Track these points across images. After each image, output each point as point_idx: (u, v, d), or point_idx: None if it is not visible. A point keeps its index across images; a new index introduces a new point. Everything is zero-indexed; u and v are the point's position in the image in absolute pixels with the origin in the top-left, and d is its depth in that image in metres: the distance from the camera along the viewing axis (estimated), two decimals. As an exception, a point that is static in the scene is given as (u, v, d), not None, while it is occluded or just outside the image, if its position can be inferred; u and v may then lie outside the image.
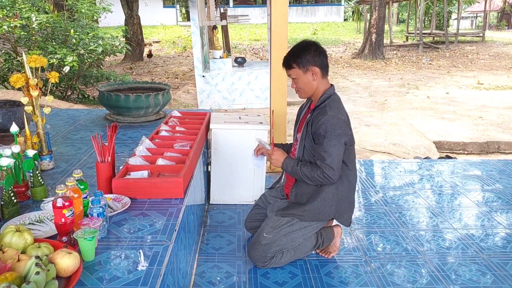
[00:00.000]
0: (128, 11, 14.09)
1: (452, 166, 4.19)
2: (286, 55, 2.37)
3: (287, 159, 2.40)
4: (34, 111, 2.42)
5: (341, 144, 2.23)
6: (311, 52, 2.29)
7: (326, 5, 31.23)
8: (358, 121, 7.51)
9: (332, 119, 2.20)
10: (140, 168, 2.24)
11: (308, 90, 2.36)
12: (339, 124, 2.21)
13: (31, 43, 7.24)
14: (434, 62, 14.95)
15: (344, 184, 2.36)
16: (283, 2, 3.63)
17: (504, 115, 7.82)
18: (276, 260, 2.42)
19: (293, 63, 2.31)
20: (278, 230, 2.39)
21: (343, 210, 2.41)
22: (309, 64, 2.29)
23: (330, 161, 2.21)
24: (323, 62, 2.32)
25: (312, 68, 2.30)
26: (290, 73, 2.36)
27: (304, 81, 2.33)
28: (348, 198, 2.41)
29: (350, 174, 2.39)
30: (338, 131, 2.20)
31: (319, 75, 2.32)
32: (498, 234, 2.88)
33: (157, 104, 3.61)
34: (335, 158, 2.21)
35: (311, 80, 2.32)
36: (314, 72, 2.30)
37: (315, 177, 2.26)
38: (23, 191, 2.06)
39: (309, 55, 2.28)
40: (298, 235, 2.41)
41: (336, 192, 2.35)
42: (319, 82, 2.34)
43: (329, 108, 2.25)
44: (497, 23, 32.01)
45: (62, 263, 1.39)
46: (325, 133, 2.20)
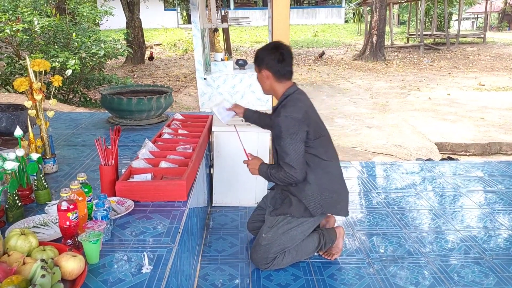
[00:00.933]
0: (129, 14, 14.13)
1: (454, 167, 4.20)
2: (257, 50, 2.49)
3: (261, 165, 2.43)
4: (37, 114, 2.43)
5: (297, 142, 2.26)
6: (271, 55, 2.35)
7: (327, 7, 31.26)
8: (359, 123, 7.52)
9: (285, 119, 2.25)
10: (143, 171, 2.25)
11: (263, 87, 2.47)
12: (292, 122, 2.25)
13: (33, 47, 7.27)
14: (435, 63, 14.96)
15: (323, 176, 2.36)
16: (284, 4, 3.64)
17: (505, 116, 7.82)
18: (278, 262, 2.42)
19: (255, 57, 2.43)
20: (276, 229, 2.40)
21: (332, 202, 2.41)
22: (263, 65, 2.37)
23: (289, 160, 2.25)
24: (278, 69, 2.35)
25: (264, 70, 2.38)
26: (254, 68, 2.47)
27: (259, 78, 2.46)
28: (333, 189, 2.41)
29: (328, 165, 2.39)
30: (291, 130, 2.25)
31: (271, 79, 2.38)
32: (501, 236, 2.88)
33: (160, 107, 3.62)
34: (294, 157, 2.25)
35: (264, 80, 2.41)
36: (266, 74, 2.38)
37: (281, 178, 2.30)
38: (27, 194, 2.07)
39: (269, 58, 2.35)
40: (297, 232, 2.41)
41: (316, 186, 2.35)
42: (273, 84, 2.40)
43: (283, 108, 2.31)
44: (498, 24, 32.00)
45: (67, 266, 1.40)
46: (280, 133, 2.27)
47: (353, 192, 3.63)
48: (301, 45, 20.42)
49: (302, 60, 16.19)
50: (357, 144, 6.27)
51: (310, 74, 13.29)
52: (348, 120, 7.79)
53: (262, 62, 2.37)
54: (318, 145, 2.35)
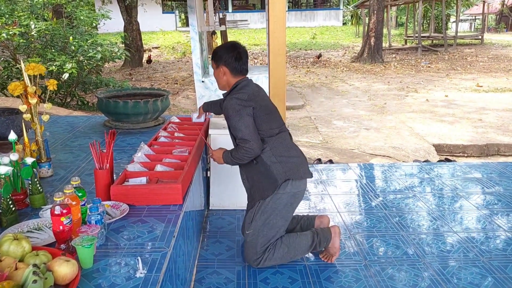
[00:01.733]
0: (127, 17, 14.14)
1: (452, 169, 4.19)
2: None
3: (224, 153, 2.51)
4: (32, 118, 2.42)
5: (244, 116, 2.35)
6: (229, 53, 2.47)
7: (325, 10, 31.31)
8: (357, 125, 7.52)
9: (230, 101, 2.39)
10: (138, 175, 2.24)
11: (219, 82, 2.58)
12: (237, 102, 2.37)
13: (30, 51, 7.26)
14: (433, 65, 14.98)
15: (277, 145, 2.43)
16: (281, 7, 3.64)
17: (503, 117, 7.82)
18: (269, 256, 2.42)
19: (213, 55, 2.53)
20: (255, 221, 2.44)
21: (293, 166, 2.43)
22: (221, 62, 2.48)
23: (242, 135, 2.35)
24: (235, 67, 2.48)
25: (222, 67, 2.49)
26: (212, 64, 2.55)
27: (216, 75, 2.56)
28: (290, 154, 2.46)
29: (279, 135, 2.47)
30: (237, 108, 2.36)
31: (228, 75, 2.49)
32: (499, 237, 2.87)
33: (156, 110, 3.61)
34: (245, 130, 2.34)
35: (221, 76, 2.52)
36: (223, 70, 2.49)
37: (241, 155, 2.39)
38: (21, 199, 2.06)
39: (226, 55, 2.47)
40: (276, 218, 2.43)
41: (273, 156, 2.40)
42: (229, 79, 2.51)
43: (230, 93, 2.47)
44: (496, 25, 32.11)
45: (60, 271, 1.39)
46: (228, 114, 2.39)
47: (351, 194, 3.63)
48: (300, 48, 20.45)
49: (300, 63, 16.21)
50: (355, 146, 6.26)
51: (308, 76, 13.29)
52: (346, 122, 7.79)
53: (220, 59, 2.48)
54: (267, 120, 2.44)
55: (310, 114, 8.45)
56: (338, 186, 3.78)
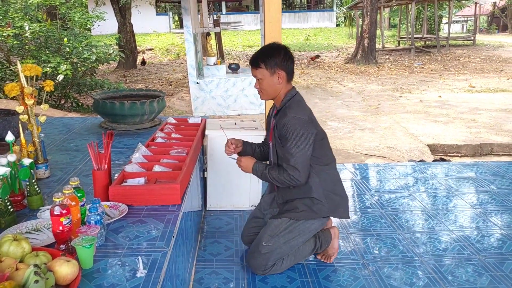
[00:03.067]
0: (121, 19, 14.10)
1: (446, 168, 4.22)
2: (255, 53, 2.37)
3: (256, 164, 2.38)
4: (29, 119, 2.41)
5: (305, 144, 2.22)
6: (281, 55, 2.30)
7: (318, 11, 31.41)
8: (352, 125, 7.55)
9: (292, 120, 2.21)
10: (136, 175, 2.24)
11: (271, 92, 2.36)
12: (300, 124, 2.22)
13: (24, 52, 7.23)
14: (426, 66, 15.08)
15: (326, 178, 2.35)
16: (276, 8, 3.66)
17: (496, 117, 7.89)
18: (276, 268, 2.40)
19: (261, 62, 2.31)
20: (277, 238, 2.36)
21: (335, 205, 2.40)
22: (277, 67, 2.30)
23: (294, 162, 2.21)
24: (290, 68, 2.34)
25: (279, 71, 2.31)
26: (256, 73, 2.34)
27: (269, 83, 2.33)
28: (335, 191, 2.40)
29: (330, 167, 2.39)
30: (299, 131, 2.21)
31: (284, 80, 2.33)
32: (493, 235, 2.90)
33: (152, 111, 3.61)
34: (299, 159, 2.21)
35: (276, 83, 2.33)
36: (280, 75, 2.31)
37: (282, 180, 2.26)
38: (19, 200, 2.05)
39: (279, 58, 2.29)
40: (298, 241, 2.39)
41: (322, 189, 2.34)
42: (283, 86, 2.35)
43: (289, 109, 2.27)
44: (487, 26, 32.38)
45: (61, 271, 1.39)
46: (286, 134, 2.22)
47: (347, 194, 3.64)
48: (293, 49, 20.47)
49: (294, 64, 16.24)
50: (350, 146, 6.29)
51: (302, 77, 13.33)
52: (341, 122, 7.82)
53: (276, 64, 2.29)
54: (321, 147, 2.34)
55: (305, 115, 8.47)
56: (334, 186, 3.79)
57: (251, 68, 2.38)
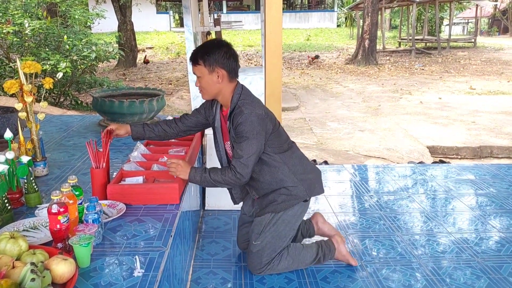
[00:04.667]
0: (121, 17, 14.08)
1: (445, 170, 4.22)
2: (195, 50, 2.24)
3: (192, 169, 2.19)
4: (28, 117, 2.41)
5: (260, 142, 2.17)
6: (221, 52, 2.16)
7: (319, 11, 31.42)
8: (352, 126, 7.55)
9: (250, 117, 2.12)
10: (135, 174, 2.23)
11: (211, 91, 2.22)
12: (258, 121, 2.14)
13: (24, 49, 7.21)
14: (427, 67, 15.07)
15: (293, 163, 2.33)
16: (277, 8, 3.65)
17: (496, 119, 7.89)
18: (273, 266, 2.39)
19: (200, 59, 2.16)
20: (264, 234, 2.35)
21: (310, 184, 2.38)
22: (216, 64, 2.15)
23: (246, 160, 2.13)
24: (231, 66, 2.19)
25: (218, 69, 2.16)
26: (195, 70, 2.20)
27: (208, 82, 2.19)
28: (306, 171, 2.38)
29: (292, 152, 2.36)
30: (257, 129, 2.14)
31: (225, 78, 2.19)
32: (492, 238, 2.89)
33: (152, 110, 3.60)
34: (253, 157, 2.15)
35: (215, 82, 2.18)
36: (220, 74, 2.17)
37: (227, 180, 2.17)
38: (17, 198, 2.05)
39: (219, 55, 2.15)
40: (286, 232, 2.38)
41: (293, 174, 2.31)
42: (224, 85, 2.20)
43: (244, 107, 2.16)
44: (488, 29, 32.38)
45: (58, 270, 1.38)
46: (244, 132, 2.13)
47: (346, 195, 3.64)
48: (294, 49, 20.49)
49: (295, 64, 16.24)
50: (349, 147, 6.29)
51: (302, 78, 13.32)
52: (341, 123, 7.82)
53: (215, 61, 2.14)
54: (278, 135, 2.30)
55: (304, 116, 8.47)
56: (333, 187, 3.79)
57: (191, 65, 2.23)
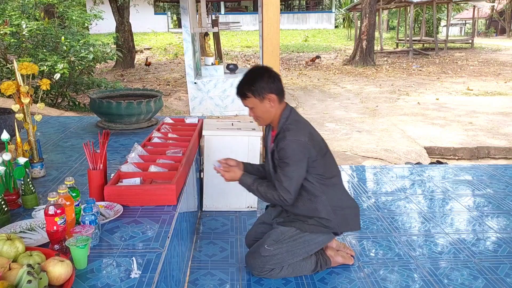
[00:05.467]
0: (119, 18, 14.07)
1: (443, 171, 4.23)
2: (239, 84, 2.28)
3: (244, 176, 2.33)
4: (25, 118, 2.40)
5: (301, 168, 2.20)
6: (265, 78, 2.21)
7: (317, 12, 31.48)
8: (349, 127, 7.55)
9: (291, 144, 2.16)
10: (132, 175, 2.23)
11: (267, 117, 2.30)
12: (299, 148, 2.17)
13: (21, 50, 7.20)
14: (424, 68, 15.10)
15: (332, 195, 2.32)
16: (275, 10, 3.66)
17: (493, 120, 7.91)
18: (273, 274, 2.38)
19: (247, 92, 2.23)
20: (281, 244, 2.33)
21: (345, 220, 2.36)
22: (264, 91, 2.21)
23: (288, 185, 2.19)
24: (278, 88, 2.24)
25: (268, 95, 2.22)
26: (246, 103, 2.27)
27: (261, 110, 2.26)
28: (343, 205, 2.37)
29: (334, 183, 2.35)
30: (297, 157, 2.17)
31: (276, 101, 2.24)
32: (489, 239, 2.90)
33: (149, 111, 3.60)
34: (294, 182, 2.20)
35: (268, 108, 2.24)
36: (271, 99, 2.23)
37: (270, 198, 2.25)
38: (14, 199, 2.04)
39: (264, 82, 2.20)
40: (301, 251, 2.36)
41: (330, 207, 2.31)
42: (276, 108, 2.27)
43: (288, 132, 2.20)
44: (486, 30, 32.48)
45: (55, 271, 1.38)
46: (285, 158, 2.17)
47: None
48: (292, 50, 20.51)
49: (292, 65, 16.25)
50: (347, 148, 6.29)
51: (300, 78, 13.33)
52: (339, 124, 7.83)
53: (263, 88, 2.20)
54: (323, 163, 2.30)
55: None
56: (331, 188, 3.79)
57: (240, 99, 2.28)
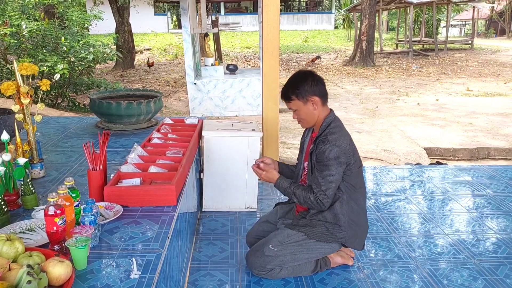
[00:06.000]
0: (119, 18, 14.08)
1: (442, 172, 4.23)
2: (283, 88, 2.36)
3: (280, 179, 2.38)
4: (25, 119, 2.40)
5: (340, 172, 2.23)
6: (308, 81, 2.28)
7: (317, 13, 31.49)
8: (349, 128, 7.52)
9: (333, 148, 2.20)
10: (132, 176, 2.23)
11: (310, 120, 2.36)
12: (340, 153, 2.21)
13: (21, 51, 7.21)
14: (424, 69, 15.11)
15: (353, 208, 2.34)
16: (275, 10, 3.66)
17: (493, 121, 7.91)
18: (273, 274, 2.38)
19: (292, 95, 2.30)
20: (285, 246, 2.34)
21: (353, 236, 2.37)
22: (308, 94, 2.28)
23: (326, 188, 2.21)
24: (321, 90, 2.31)
25: (312, 98, 2.28)
26: (290, 106, 2.34)
27: (305, 112, 2.32)
28: (358, 222, 2.37)
29: (359, 197, 2.37)
30: (338, 160, 2.21)
31: (319, 104, 2.30)
32: (489, 239, 2.90)
33: (149, 111, 3.60)
34: (332, 186, 2.22)
35: (312, 110, 2.31)
36: (314, 101, 2.29)
37: (307, 201, 2.27)
38: (13, 200, 2.04)
39: (307, 85, 2.27)
40: (303, 256, 2.37)
41: (347, 218, 2.31)
42: (320, 111, 2.33)
43: (330, 136, 2.24)
44: (485, 30, 32.50)
45: (54, 272, 1.38)
46: (325, 161, 2.20)
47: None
48: (292, 51, 20.52)
49: (292, 66, 16.26)
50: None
51: (300, 79, 13.32)
52: (338, 125, 7.82)
53: (306, 91, 2.27)
54: (356, 175, 2.33)
55: (302, 117, 8.47)
56: (331, 189, 3.79)
57: (284, 102, 2.37)
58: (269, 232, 2.52)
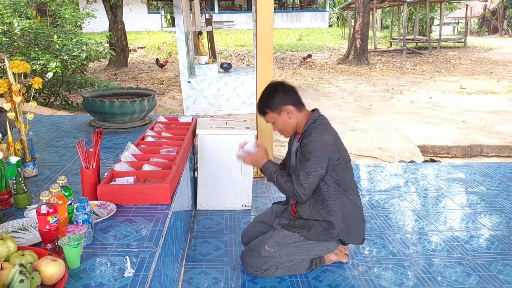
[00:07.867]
0: (112, 16, 13.99)
1: (436, 169, 4.25)
2: (258, 102, 2.41)
3: (268, 163, 2.38)
4: (17, 117, 2.38)
5: (320, 166, 2.23)
6: (278, 93, 2.31)
7: (311, 11, 31.48)
8: (343, 126, 7.57)
9: (316, 140, 2.22)
10: (125, 174, 2.22)
11: (289, 129, 2.38)
12: (322, 146, 2.22)
13: (13, 49, 7.14)
14: (418, 67, 15.17)
15: (346, 203, 2.34)
16: (269, 9, 3.65)
17: (486, 119, 7.96)
18: (268, 273, 2.38)
19: (265, 108, 2.35)
20: (282, 247, 2.34)
21: (349, 231, 2.37)
22: (280, 105, 2.31)
23: (303, 180, 2.21)
24: (294, 99, 2.34)
25: (285, 107, 2.31)
26: (266, 119, 2.38)
27: (281, 122, 2.36)
28: (353, 216, 2.37)
29: (350, 192, 2.36)
30: (319, 153, 2.21)
31: (294, 112, 2.32)
32: (482, 236, 2.92)
33: (143, 110, 3.59)
34: (310, 179, 2.22)
35: (287, 120, 2.34)
36: (288, 111, 2.31)
37: (285, 190, 2.29)
38: (6, 199, 2.02)
39: (278, 97, 2.31)
40: (300, 257, 2.37)
41: (340, 213, 2.32)
42: (297, 118, 2.34)
43: (314, 130, 2.26)
44: (478, 29, 32.69)
45: (47, 271, 1.37)
46: (307, 153, 2.22)
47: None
48: (286, 49, 20.51)
49: (286, 64, 16.26)
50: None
51: (294, 77, 13.34)
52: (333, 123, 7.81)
53: (279, 103, 2.30)
54: (346, 171, 2.33)
55: (296, 115, 8.47)
56: (325, 186, 3.79)
57: (262, 117, 2.41)
58: (264, 232, 2.51)
